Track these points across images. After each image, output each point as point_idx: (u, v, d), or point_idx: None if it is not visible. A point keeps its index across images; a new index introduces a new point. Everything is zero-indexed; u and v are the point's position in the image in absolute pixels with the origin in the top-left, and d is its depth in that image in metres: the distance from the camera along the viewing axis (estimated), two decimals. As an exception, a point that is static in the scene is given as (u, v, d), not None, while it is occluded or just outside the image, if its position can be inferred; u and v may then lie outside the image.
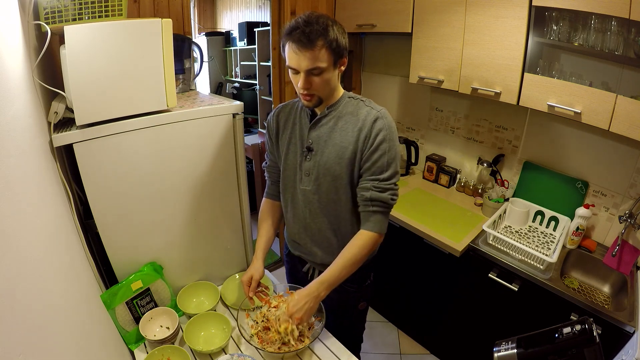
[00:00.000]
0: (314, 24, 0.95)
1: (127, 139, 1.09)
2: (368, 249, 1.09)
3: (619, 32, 1.33)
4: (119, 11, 1.13)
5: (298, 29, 0.95)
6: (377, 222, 1.08)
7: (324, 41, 0.96)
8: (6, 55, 0.72)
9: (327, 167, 1.10)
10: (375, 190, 1.06)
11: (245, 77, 3.81)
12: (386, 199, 1.06)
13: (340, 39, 1.00)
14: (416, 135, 2.42)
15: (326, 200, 1.14)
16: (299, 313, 1.05)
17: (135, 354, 1.15)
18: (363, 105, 1.09)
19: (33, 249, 0.65)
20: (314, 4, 2.20)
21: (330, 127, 1.10)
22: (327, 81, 1.02)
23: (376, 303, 2.37)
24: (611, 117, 1.29)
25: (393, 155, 1.06)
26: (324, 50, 0.97)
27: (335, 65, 1.03)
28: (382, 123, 1.05)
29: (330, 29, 0.97)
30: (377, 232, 1.09)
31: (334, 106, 1.10)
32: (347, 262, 1.08)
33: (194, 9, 4.28)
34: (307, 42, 0.94)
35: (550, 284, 1.43)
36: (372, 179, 1.06)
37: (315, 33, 0.94)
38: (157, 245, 1.28)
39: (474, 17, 1.58)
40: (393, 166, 1.06)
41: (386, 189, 1.06)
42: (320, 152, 1.10)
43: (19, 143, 0.70)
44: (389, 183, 1.06)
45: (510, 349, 0.76)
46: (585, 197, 1.72)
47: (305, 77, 1.00)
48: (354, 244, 1.09)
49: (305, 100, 1.06)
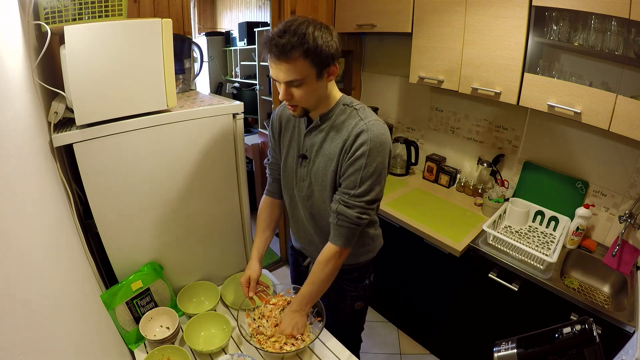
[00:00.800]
0: (289, 34, 0.88)
1: (127, 139, 1.09)
2: (332, 263, 1.07)
3: (619, 32, 1.33)
4: (119, 11, 1.13)
5: (272, 40, 0.89)
6: (340, 236, 1.05)
7: (299, 52, 0.88)
8: (6, 55, 0.72)
9: (317, 177, 1.09)
10: (342, 205, 1.02)
11: (245, 77, 3.81)
12: (351, 216, 1.02)
13: (323, 47, 0.91)
14: (416, 135, 2.42)
15: (318, 208, 1.14)
16: (292, 331, 1.10)
17: (135, 354, 1.15)
18: (355, 114, 1.03)
19: (33, 249, 0.65)
20: (314, 4, 2.20)
21: (322, 137, 1.06)
22: (310, 92, 0.96)
23: (376, 303, 2.37)
24: (611, 117, 1.29)
25: (369, 173, 0.98)
26: (301, 61, 0.90)
27: (320, 76, 0.95)
28: (365, 137, 0.97)
29: (309, 37, 0.88)
30: (340, 246, 1.06)
31: (327, 115, 1.05)
32: (316, 280, 1.10)
33: (194, 9, 4.28)
34: (280, 54, 0.89)
35: (550, 284, 1.43)
36: (344, 192, 1.03)
37: (289, 45, 0.87)
38: (157, 245, 1.28)
39: (474, 17, 1.58)
40: (367, 184, 1.00)
41: (354, 206, 1.01)
42: (312, 161, 1.10)
43: (19, 143, 0.70)
44: (360, 200, 1.01)
45: (510, 349, 0.76)
46: (585, 197, 1.72)
47: (285, 89, 0.96)
48: (319, 260, 1.09)
49: (291, 110, 1.03)
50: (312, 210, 1.16)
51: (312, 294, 1.11)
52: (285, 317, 1.12)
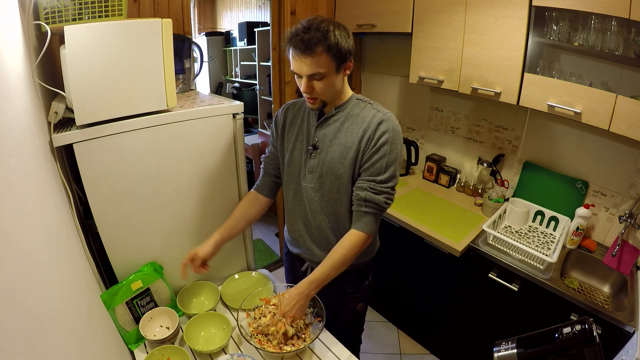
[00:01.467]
0: (314, 30, 0.95)
1: (127, 139, 1.09)
2: (356, 249, 1.09)
3: (619, 32, 1.33)
4: (119, 11, 1.13)
5: (298, 36, 0.96)
6: (367, 223, 1.09)
7: (323, 47, 0.96)
8: (6, 55, 0.72)
9: (330, 166, 1.11)
10: (370, 191, 1.06)
11: (245, 77, 3.82)
12: (380, 202, 1.06)
13: (343, 43, 0.99)
14: (416, 135, 2.42)
15: (327, 199, 1.15)
16: (291, 312, 1.08)
17: (135, 354, 1.15)
18: (370, 107, 1.10)
19: (33, 249, 0.65)
20: (314, 4, 2.20)
21: (336, 127, 1.11)
22: (330, 85, 1.03)
23: (376, 303, 2.37)
24: (611, 117, 1.29)
25: (393, 159, 1.06)
26: (324, 56, 0.97)
27: (339, 70, 1.03)
28: (387, 126, 1.05)
29: (330, 34, 0.96)
30: (367, 232, 1.09)
31: (342, 107, 1.11)
32: (336, 262, 1.09)
33: (194, 9, 4.28)
34: (305, 48, 0.95)
35: (550, 284, 1.43)
36: (369, 179, 1.07)
37: (314, 40, 0.94)
38: (157, 245, 1.28)
39: (474, 17, 1.58)
40: (391, 169, 1.06)
41: (382, 192, 1.06)
42: (325, 151, 1.11)
43: (19, 143, 0.70)
44: (386, 186, 1.06)
45: (510, 349, 0.76)
46: (585, 197, 1.72)
47: (307, 82, 1.01)
48: (342, 244, 1.10)
49: (309, 103, 1.08)
50: (321, 202, 1.16)
51: (327, 278, 1.10)
52: (292, 299, 1.09)
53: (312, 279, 1.09)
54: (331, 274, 1.09)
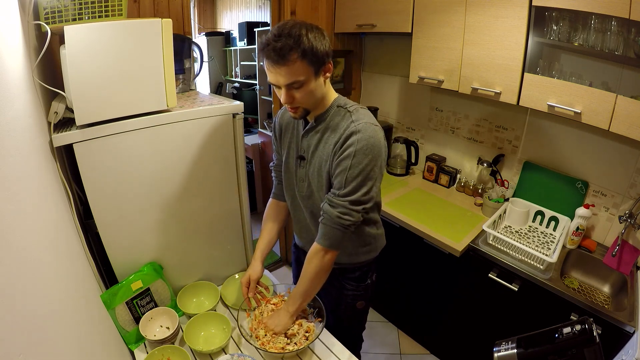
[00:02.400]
0: (285, 37, 0.89)
1: (127, 139, 1.09)
2: (316, 262, 1.06)
3: (619, 32, 1.33)
4: (119, 11, 1.13)
5: (269, 45, 0.90)
6: (323, 235, 1.05)
7: (297, 54, 0.90)
8: (6, 55, 0.72)
9: (313, 178, 1.11)
10: (327, 203, 1.03)
11: (245, 77, 3.81)
12: (333, 215, 1.01)
13: (318, 46, 0.93)
14: (416, 135, 2.42)
15: (317, 208, 1.15)
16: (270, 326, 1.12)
17: (135, 354, 1.15)
18: (349, 116, 1.03)
19: (33, 249, 0.65)
20: (314, 4, 2.20)
21: (318, 138, 1.08)
22: (310, 92, 0.98)
23: (376, 303, 2.37)
24: (611, 117, 1.29)
25: (355, 174, 0.98)
26: (299, 63, 0.91)
27: (318, 74, 0.97)
28: (355, 139, 0.97)
29: (303, 39, 0.90)
30: (322, 245, 1.05)
31: (322, 116, 1.07)
32: (304, 279, 1.10)
33: (194, 9, 4.28)
34: (278, 58, 0.90)
35: (550, 284, 1.43)
36: (332, 192, 1.04)
37: (287, 47, 0.89)
38: (157, 245, 1.28)
39: (474, 17, 1.58)
40: (353, 185, 0.99)
41: (337, 205, 1.01)
42: (309, 162, 1.11)
43: (19, 143, 0.70)
44: (344, 200, 1.00)
45: (510, 349, 0.76)
46: (585, 197, 1.72)
47: (286, 92, 0.96)
48: (306, 259, 1.10)
49: (292, 112, 1.03)
50: (313, 210, 1.17)
51: (299, 293, 1.11)
52: (274, 314, 1.15)
53: (291, 295, 1.13)
54: (304, 289, 1.10)
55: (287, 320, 1.11)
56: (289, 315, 1.12)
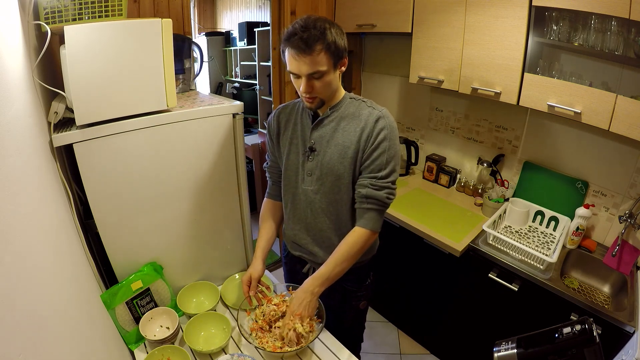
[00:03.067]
0: (312, 29, 0.95)
1: (127, 139, 1.09)
2: (360, 246, 1.10)
3: (619, 32, 1.33)
4: (119, 11, 1.13)
5: (296, 35, 0.96)
6: (370, 219, 1.09)
7: (322, 45, 0.96)
8: (6, 55, 0.72)
9: (329, 167, 1.11)
10: (371, 188, 1.07)
11: (245, 77, 3.81)
12: (382, 197, 1.07)
13: (339, 40, 1.01)
14: (416, 135, 2.42)
15: (328, 200, 1.14)
16: (298, 309, 1.08)
17: (135, 354, 1.15)
18: (365, 105, 1.11)
19: (33, 249, 0.65)
20: (314, 4, 2.20)
21: (332, 128, 1.11)
22: (329, 83, 1.04)
23: (376, 303, 2.37)
24: (611, 117, 1.29)
25: (392, 154, 1.07)
26: (323, 54, 0.98)
27: (336, 67, 1.04)
28: (384, 122, 1.06)
29: (328, 32, 0.97)
30: (370, 229, 1.10)
31: (336, 107, 1.11)
32: (340, 259, 1.09)
33: (194, 9, 4.28)
34: (305, 47, 0.95)
35: (550, 284, 1.43)
36: (370, 176, 1.07)
37: (313, 38, 0.95)
38: (157, 245, 1.28)
39: (474, 17, 1.58)
40: (391, 165, 1.07)
41: (383, 187, 1.07)
42: (322, 152, 1.11)
43: (19, 143, 0.70)
44: (386, 181, 1.07)
45: (510, 349, 0.76)
46: (585, 197, 1.72)
47: (306, 81, 1.01)
48: (347, 240, 1.10)
49: (308, 102, 1.07)
50: (322, 204, 1.16)
51: (332, 275, 1.09)
52: (300, 297, 1.09)
53: (316, 275, 1.10)
54: (336, 270, 1.09)
55: (315, 302, 1.11)
56: (316, 297, 1.10)
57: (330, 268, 1.09)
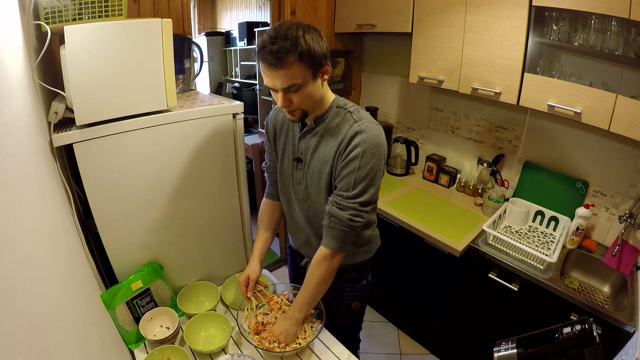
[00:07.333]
0: (281, 40, 0.87)
1: (127, 139, 1.09)
2: (324, 267, 1.05)
3: (619, 32, 1.33)
4: (119, 11, 1.13)
5: (265, 48, 0.88)
6: (332, 238, 1.03)
7: (294, 56, 0.87)
8: (6, 55, 0.72)
9: (312, 180, 1.09)
10: (335, 206, 1.01)
11: (245, 77, 3.81)
12: (343, 218, 1.00)
13: (315, 47, 0.90)
14: (416, 135, 2.42)
15: (314, 211, 1.14)
16: (280, 337, 1.08)
17: (135, 354, 1.15)
18: (350, 117, 1.02)
19: (33, 249, 0.65)
20: (314, 4, 2.20)
21: (317, 140, 1.06)
22: (308, 95, 0.96)
23: (376, 303, 2.37)
24: (611, 117, 1.29)
25: (363, 175, 0.97)
26: (297, 66, 0.89)
27: (315, 77, 0.94)
28: (360, 139, 0.97)
29: (300, 40, 0.87)
30: (331, 249, 1.04)
31: (322, 118, 1.05)
32: (310, 284, 1.08)
33: (194, 9, 4.28)
34: (275, 61, 0.88)
35: (550, 284, 1.43)
36: (337, 194, 1.02)
37: (283, 50, 0.86)
38: (157, 245, 1.28)
39: (474, 17, 1.58)
40: (361, 185, 0.98)
41: (347, 208, 1.00)
42: (307, 164, 1.10)
43: (19, 143, 0.70)
44: (353, 202, 0.99)
45: (510, 349, 0.76)
46: (585, 197, 1.72)
47: (283, 95, 0.94)
48: (312, 263, 1.08)
49: (290, 115, 1.02)
50: (309, 213, 1.16)
51: (307, 299, 1.10)
52: (279, 321, 1.12)
53: (295, 301, 1.11)
54: (310, 295, 1.09)
55: (296, 329, 1.09)
56: (296, 324, 1.09)
57: (304, 294, 1.09)
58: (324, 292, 1.11)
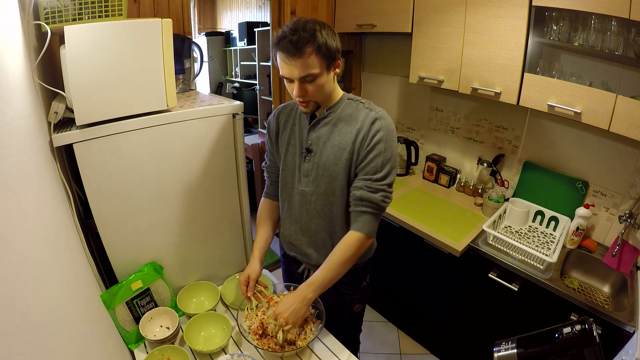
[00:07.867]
0: (301, 31, 0.94)
1: (127, 139, 1.09)
2: (354, 251, 1.07)
3: (619, 32, 1.33)
4: (119, 11, 1.13)
5: (285, 38, 0.94)
6: (365, 223, 1.07)
7: (312, 47, 0.95)
8: (6, 55, 0.72)
9: (325, 168, 1.10)
10: (366, 190, 1.05)
11: (245, 77, 3.81)
12: (376, 200, 1.05)
13: (330, 42, 0.98)
14: (416, 135, 2.42)
15: (323, 202, 1.14)
16: (285, 313, 1.04)
17: (135, 354, 1.15)
18: (362, 107, 1.09)
19: (33, 249, 0.65)
20: (314, 4, 2.20)
21: (329, 129, 1.10)
22: (322, 86, 1.02)
23: (376, 303, 2.37)
24: (611, 117, 1.29)
25: (389, 157, 1.05)
26: (314, 56, 0.96)
27: (329, 69, 1.02)
28: (380, 124, 1.04)
29: (318, 34, 0.95)
30: (365, 233, 1.07)
31: (333, 108, 1.10)
32: (334, 265, 1.07)
33: (194, 9, 4.28)
34: (295, 50, 0.94)
35: (550, 284, 1.43)
36: (365, 178, 1.06)
37: (303, 40, 0.93)
38: (157, 245, 1.28)
39: (474, 17, 1.58)
40: (387, 167, 1.05)
41: (378, 190, 1.05)
42: (319, 153, 1.11)
43: (19, 143, 0.70)
44: (382, 184, 1.05)
45: (510, 349, 0.76)
46: (585, 197, 1.72)
47: (299, 85, 1.00)
48: (341, 245, 1.08)
49: (302, 106, 1.06)
50: (317, 206, 1.15)
51: (326, 281, 1.07)
52: (288, 297, 1.07)
53: (310, 281, 1.08)
54: (330, 276, 1.07)
55: (305, 310, 1.06)
56: (307, 304, 1.07)
57: (324, 274, 1.07)
58: (342, 274, 1.09)
